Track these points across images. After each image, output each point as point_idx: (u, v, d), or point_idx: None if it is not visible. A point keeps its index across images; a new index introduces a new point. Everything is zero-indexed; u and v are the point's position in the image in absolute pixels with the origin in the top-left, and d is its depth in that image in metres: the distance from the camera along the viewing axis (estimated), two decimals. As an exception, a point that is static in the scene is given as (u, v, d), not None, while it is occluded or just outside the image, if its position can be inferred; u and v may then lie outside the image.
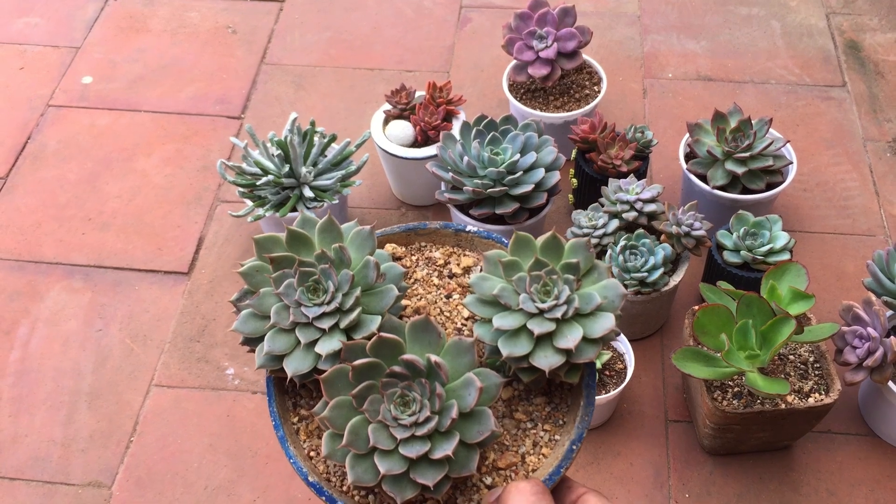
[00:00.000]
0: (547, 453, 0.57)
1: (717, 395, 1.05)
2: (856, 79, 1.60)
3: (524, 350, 0.56)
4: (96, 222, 1.42)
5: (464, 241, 0.66)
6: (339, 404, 0.53)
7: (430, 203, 1.42)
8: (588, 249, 0.59)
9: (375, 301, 0.57)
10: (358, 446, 0.53)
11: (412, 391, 0.53)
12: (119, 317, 1.30)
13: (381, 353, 0.54)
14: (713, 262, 1.19)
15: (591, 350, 0.56)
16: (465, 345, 0.54)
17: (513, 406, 0.59)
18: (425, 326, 0.55)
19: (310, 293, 0.57)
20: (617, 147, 1.27)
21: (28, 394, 1.23)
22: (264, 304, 0.57)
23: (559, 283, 0.57)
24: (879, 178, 1.44)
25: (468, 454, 0.53)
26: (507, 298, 0.57)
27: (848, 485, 1.11)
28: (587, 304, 0.57)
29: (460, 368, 0.54)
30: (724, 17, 1.73)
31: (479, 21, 1.74)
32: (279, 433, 0.58)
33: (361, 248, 0.59)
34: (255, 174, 1.25)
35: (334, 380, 0.54)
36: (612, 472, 1.13)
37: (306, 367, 0.56)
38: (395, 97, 1.36)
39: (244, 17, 1.77)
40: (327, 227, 0.59)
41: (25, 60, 1.69)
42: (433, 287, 0.64)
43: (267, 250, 0.58)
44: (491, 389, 0.54)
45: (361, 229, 0.60)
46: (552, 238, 0.59)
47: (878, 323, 1.04)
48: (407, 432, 0.52)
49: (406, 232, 0.66)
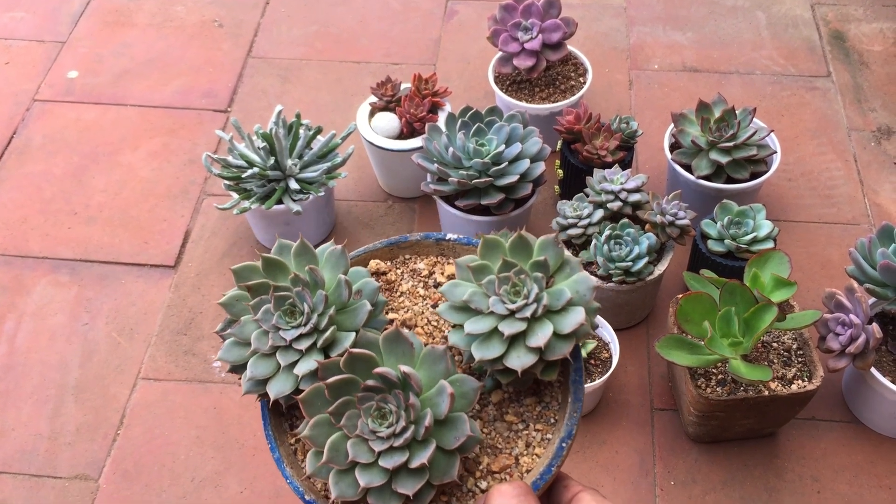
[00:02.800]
0: (540, 453, 0.57)
1: (700, 382, 1.05)
2: (840, 69, 1.61)
3: (497, 352, 0.56)
4: (82, 216, 1.42)
5: (446, 250, 0.67)
6: (319, 422, 0.54)
7: (417, 195, 1.42)
8: (557, 245, 0.59)
9: (349, 318, 0.58)
10: (338, 461, 0.53)
11: (388, 403, 0.54)
12: (105, 310, 1.30)
13: (355, 368, 0.54)
14: (698, 252, 1.20)
15: (564, 346, 0.56)
16: (437, 353, 0.55)
17: (503, 409, 0.60)
18: (396, 338, 0.55)
19: (287, 316, 0.58)
20: (602, 138, 1.28)
21: (14, 388, 1.22)
22: (245, 331, 0.59)
23: (528, 282, 0.57)
24: (864, 167, 1.45)
25: (448, 461, 0.53)
26: (478, 303, 0.58)
27: (832, 471, 1.12)
28: (557, 300, 0.57)
29: (435, 377, 0.55)
30: (709, 8, 1.74)
31: (465, 13, 1.74)
32: (275, 455, 0.58)
33: (335, 268, 0.60)
34: (240, 167, 1.25)
35: (312, 399, 0.54)
36: (597, 460, 1.13)
37: (288, 389, 0.56)
38: (381, 89, 1.36)
39: (230, 10, 1.76)
40: (301, 250, 0.60)
41: (10, 55, 1.69)
42: (419, 298, 0.64)
43: (244, 279, 0.60)
44: (468, 394, 0.54)
45: (334, 249, 0.61)
46: (519, 238, 0.59)
47: (860, 310, 1.05)
48: (385, 444, 0.53)
49: (388, 247, 0.67)
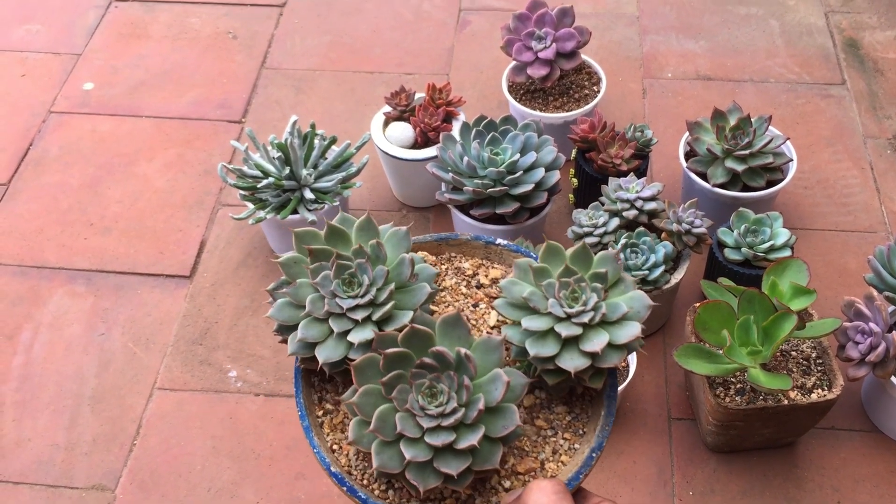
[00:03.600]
0: (566, 461, 0.58)
1: (719, 391, 1.05)
2: (855, 76, 1.60)
3: (551, 351, 0.57)
4: (98, 227, 1.43)
5: (493, 254, 0.68)
6: (369, 392, 0.54)
7: (431, 204, 1.42)
8: (616, 261, 0.61)
9: (408, 297, 0.59)
10: (385, 433, 0.54)
11: (440, 383, 0.54)
12: (121, 321, 1.31)
13: (412, 344, 0.55)
14: (714, 260, 1.19)
15: (616, 356, 0.57)
16: (493, 342, 0.56)
17: (534, 413, 0.60)
18: (456, 322, 0.56)
19: (345, 286, 0.59)
20: (617, 146, 1.27)
21: (31, 398, 1.23)
22: (300, 293, 0.59)
23: (587, 291, 0.59)
24: (880, 174, 1.44)
25: (492, 448, 0.54)
26: (537, 302, 0.59)
27: (852, 481, 1.11)
28: (614, 312, 0.59)
29: (488, 365, 0.56)
30: (722, 16, 1.74)
31: (478, 23, 1.74)
32: (304, 423, 0.59)
33: (398, 248, 0.61)
34: (255, 177, 1.26)
35: (365, 368, 0.55)
36: (615, 470, 1.13)
37: (338, 356, 0.57)
38: (395, 99, 1.37)
39: (244, 22, 1.77)
40: (365, 225, 0.62)
41: (27, 67, 1.70)
42: (461, 296, 0.65)
43: (306, 242, 0.60)
44: (517, 388, 0.55)
45: (398, 229, 0.62)
46: (582, 248, 0.61)
47: (879, 318, 1.04)
48: (433, 422, 0.54)
49: (437, 241, 0.68)
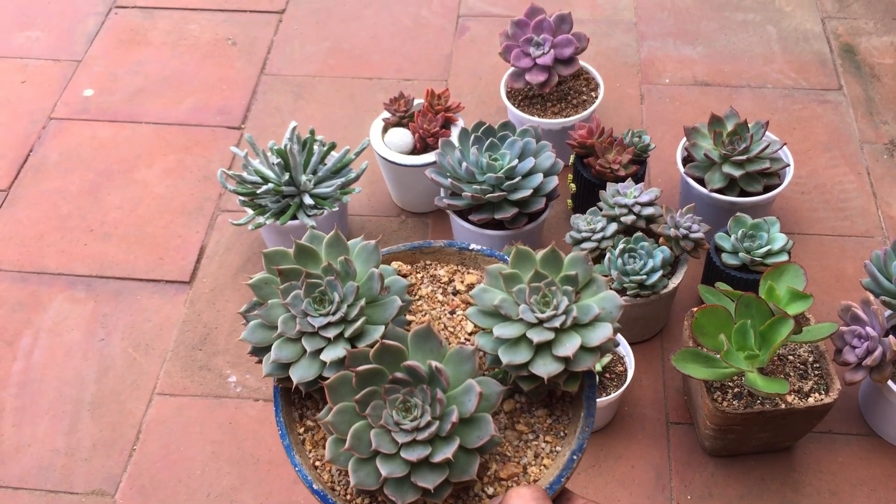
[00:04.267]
0: (548, 464, 0.58)
1: (717, 395, 1.05)
2: (852, 82, 1.61)
3: (524, 358, 0.57)
4: (98, 233, 1.43)
5: (468, 259, 0.68)
6: (343, 409, 0.54)
7: (430, 210, 1.43)
8: (587, 262, 0.60)
9: (379, 312, 0.59)
10: (360, 450, 0.53)
11: (414, 397, 0.54)
12: (121, 326, 1.31)
13: (383, 359, 0.55)
14: (712, 265, 1.20)
15: (589, 358, 0.57)
16: (466, 353, 0.56)
17: (515, 418, 0.60)
18: (427, 335, 0.56)
19: (316, 304, 0.58)
20: (614, 152, 1.28)
21: (31, 404, 1.23)
22: (272, 314, 0.59)
23: (558, 295, 0.59)
24: (877, 179, 1.45)
25: (468, 459, 0.54)
26: (508, 309, 0.59)
27: (850, 485, 1.11)
28: (585, 314, 0.58)
29: (461, 376, 0.55)
30: (720, 22, 1.75)
31: (476, 29, 1.75)
32: (285, 442, 0.59)
33: (367, 262, 0.61)
34: (255, 183, 1.26)
35: (338, 386, 0.55)
36: (613, 474, 1.13)
37: (312, 375, 0.57)
38: (394, 105, 1.37)
39: (244, 28, 1.78)
40: (334, 241, 0.61)
41: (27, 74, 1.71)
42: (437, 303, 0.65)
43: (275, 263, 0.60)
44: (491, 397, 0.55)
45: (367, 244, 0.61)
46: (551, 252, 0.60)
47: (876, 322, 1.04)
48: (408, 437, 0.53)
49: (411, 250, 0.68)
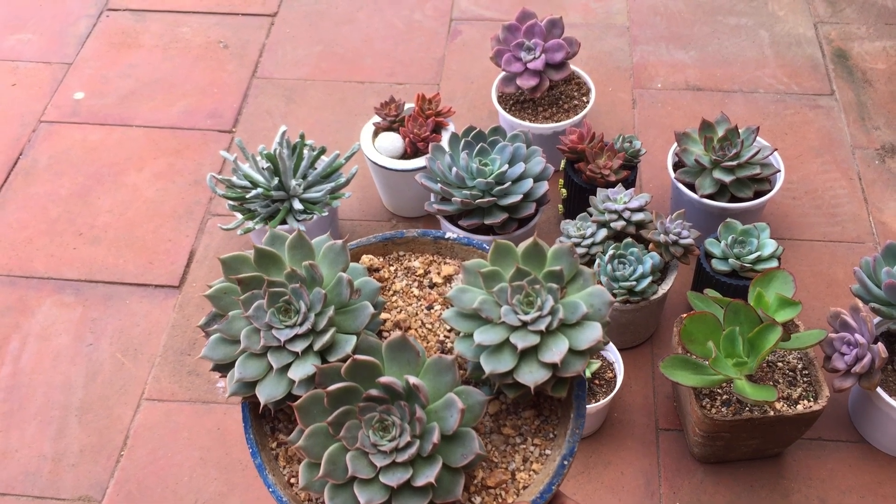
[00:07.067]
0: (538, 469, 0.55)
1: (705, 402, 1.05)
2: (844, 87, 1.61)
3: (508, 366, 0.53)
4: (87, 237, 1.43)
5: (444, 249, 0.64)
6: (315, 432, 0.51)
7: (420, 214, 1.43)
8: (572, 255, 0.56)
9: (350, 320, 0.55)
10: (336, 476, 0.50)
11: (391, 415, 0.51)
12: (110, 331, 1.31)
13: (356, 376, 0.51)
14: (702, 271, 1.20)
15: (579, 362, 0.53)
16: (445, 363, 0.52)
17: (500, 420, 0.57)
18: (402, 345, 0.52)
19: (281, 314, 0.54)
20: (605, 157, 1.28)
21: (18, 409, 1.22)
22: (234, 327, 0.55)
23: (542, 293, 0.54)
24: (868, 185, 1.45)
25: (453, 479, 0.51)
26: (489, 311, 0.55)
27: (839, 492, 1.11)
28: (572, 313, 0.54)
29: (441, 388, 0.52)
30: (712, 27, 1.74)
31: (469, 33, 1.75)
32: (256, 461, 0.56)
33: (334, 264, 0.56)
34: (244, 187, 1.26)
35: (309, 406, 0.51)
36: (602, 481, 1.13)
37: (280, 394, 0.53)
38: (385, 109, 1.37)
39: (235, 31, 1.77)
40: (297, 243, 0.56)
41: (18, 77, 1.70)
42: (413, 298, 0.61)
43: (234, 271, 0.55)
44: (475, 408, 0.52)
45: (333, 244, 0.57)
46: (534, 245, 0.56)
47: (865, 329, 1.04)
48: (387, 459, 0.50)
49: (383, 242, 0.64)
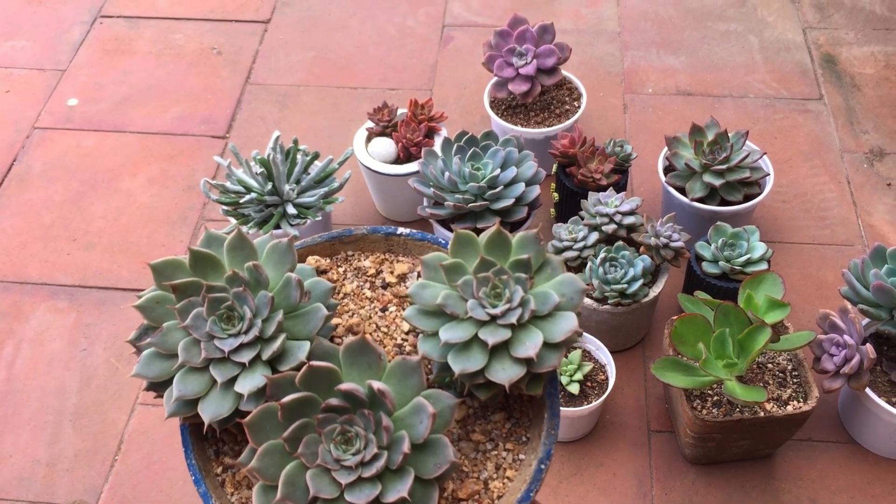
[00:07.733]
0: (512, 475, 0.51)
1: (696, 404, 1.06)
2: (833, 92, 1.63)
3: (478, 364, 0.49)
4: (81, 242, 1.43)
5: (396, 246, 0.60)
6: (270, 450, 0.46)
7: (413, 219, 1.44)
8: (538, 243, 0.52)
9: (301, 324, 0.50)
10: (296, 498, 0.45)
11: (354, 426, 0.46)
12: (104, 336, 1.31)
13: (313, 385, 0.46)
14: (692, 273, 1.21)
15: (554, 356, 0.50)
16: (410, 365, 0.47)
17: (468, 426, 0.53)
18: (362, 348, 0.48)
19: (223, 322, 0.49)
20: (597, 161, 1.29)
21: (13, 414, 1.23)
22: (169, 340, 0.49)
23: (510, 284, 0.50)
24: (857, 188, 1.46)
25: (426, 491, 0.46)
26: (454, 306, 0.50)
27: (829, 492, 1.12)
28: (544, 304, 0.50)
29: (408, 393, 0.47)
30: (702, 33, 1.76)
31: (461, 39, 1.76)
32: (201, 489, 0.50)
33: (280, 265, 0.51)
34: (238, 192, 1.26)
35: (261, 422, 0.46)
36: (595, 483, 1.13)
37: (226, 411, 0.48)
38: (378, 115, 1.38)
39: (229, 37, 1.78)
40: (237, 244, 0.51)
41: (11, 83, 1.70)
42: (366, 300, 0.57)
43: (167, 277, 0.50)
44: (445, 413, 0.47)
45: (278, 242, 0.52)
46: (497, 234, 0.52)
47: (854, 330, 1.05)
48: (352, 475, 0.45)
49: (330, 241, 0.59)
